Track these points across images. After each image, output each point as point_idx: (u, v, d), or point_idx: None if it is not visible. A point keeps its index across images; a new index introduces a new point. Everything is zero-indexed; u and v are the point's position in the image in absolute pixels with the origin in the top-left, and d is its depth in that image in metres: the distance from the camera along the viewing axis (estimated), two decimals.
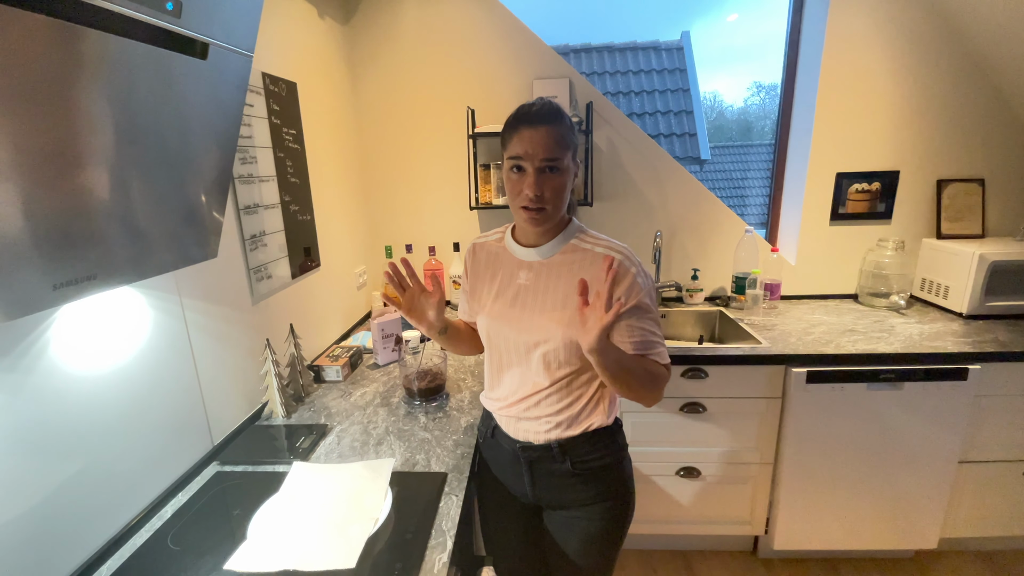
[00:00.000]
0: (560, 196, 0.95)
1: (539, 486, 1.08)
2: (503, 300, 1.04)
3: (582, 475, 1.04)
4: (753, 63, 29.45)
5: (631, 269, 0.96)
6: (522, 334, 1.01)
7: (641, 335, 0.97)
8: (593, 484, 1.05)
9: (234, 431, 1.25)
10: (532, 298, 1.01)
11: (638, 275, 0.96)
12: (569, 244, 1.01)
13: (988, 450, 1.71)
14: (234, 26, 0.83)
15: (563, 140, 0.92)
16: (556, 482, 1.06)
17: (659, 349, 0.99)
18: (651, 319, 0.98)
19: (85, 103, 0.63)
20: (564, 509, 1.09)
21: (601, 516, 1.06)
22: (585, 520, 1.06)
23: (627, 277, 0.95)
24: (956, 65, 1.93)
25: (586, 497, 1.05)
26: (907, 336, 1.75)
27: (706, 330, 2.14)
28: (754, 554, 1.97)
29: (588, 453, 1.03)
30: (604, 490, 1.06)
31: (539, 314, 0.99)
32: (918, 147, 2.03)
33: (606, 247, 0.99)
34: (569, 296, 0.97)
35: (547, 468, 1.05)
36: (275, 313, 1.45)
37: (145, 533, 0.93)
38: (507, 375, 1.06)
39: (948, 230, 2.07)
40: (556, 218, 0.98)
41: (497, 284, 1.06)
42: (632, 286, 0.95)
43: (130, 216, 0.75)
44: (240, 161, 1.28)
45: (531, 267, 1.02)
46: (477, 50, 2.05)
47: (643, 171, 2.14)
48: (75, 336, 0.84)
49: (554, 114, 0.93)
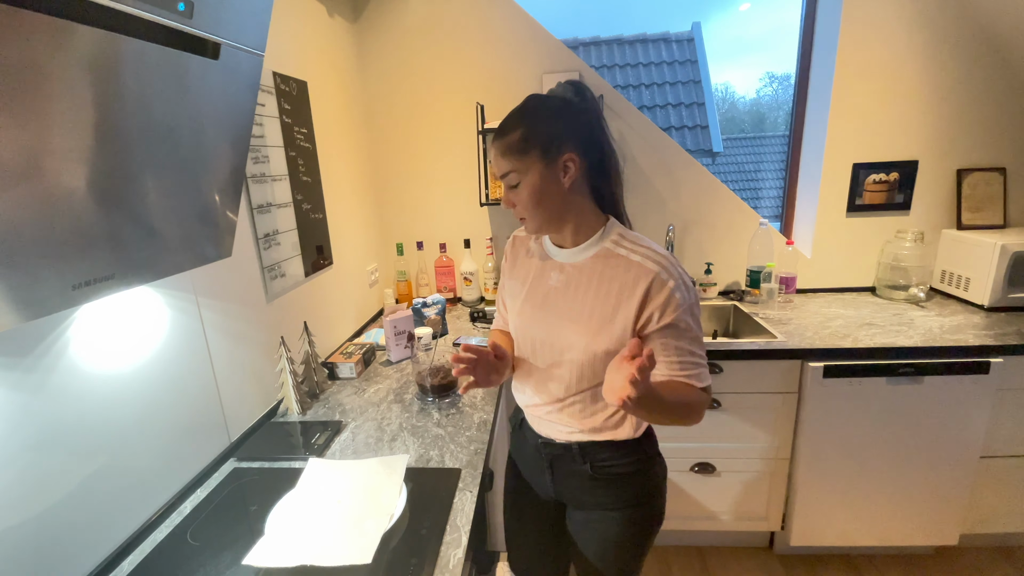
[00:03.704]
0: (531, 205, 0.89)
1: (560, 484, 1.05)
2: (533, 301, 1.00)
3: (603, 479, 1.00)
4: (765, 53, 29.02)
5: (668, 282, 0.86)
6: (547, 340, 0.96)
7: (678, 355, 0.88)
8: (614, 489, 1.00)
9: (250, 428, 1.26)
10: (560, 303, 0.95)
11: (677, 289, 0.86)
12: (603, 248, 0.93)
13: (1011, 444, 1.67)
14: (245, 26, 0.83)
15: (512, 148, 0.87)
16: (576, 483, 1.03)
17: (698, 371, 0.89)
18: (691, 338, 0.89)
19: (98, 104, 0.63)
20: (584, 510, 1.05)
21: (620, 522, 1.01)
22: (604, 524, 1.02)
23: (663, 291, 0.86)
24: (975, 51, 1.88)
25: (607, 501, 1.01)
26: (927, 329, 1.72)
27: (720, 324, 2.12)
28: (770, 550, 1.95)
29: (610, 459, 0.99)
30: (627, 496, 1.01)
31: (566, 322, 0.93)
32: (937, 136, 1.99)
33: (644, 255, 0.89)
34: (596, 307, 0.90)
35: (568, 468, 1.03)
36: (289, 311, 1.47)
37: (165, 529, 0.95)
38: (532, 378, 1.02)
39: (969, 220, 2.02)
40: (546, 225, 0.93)
41: (530, 283, 1.01)
42: (668, 301, 0.86)
43: (146, 216, 0.76)
44: (252, 160, 1.29)
45: (562, 269, 0.96)
46: (486, 45, 2.04)
47: (655, 164, 2.12)
48: (94, 335, 0.85)
49: (507, 125, 0.89)
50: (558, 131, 0.87)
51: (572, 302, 0.93)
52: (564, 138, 0.87)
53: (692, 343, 0.89)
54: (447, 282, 2.26)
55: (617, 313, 0.89)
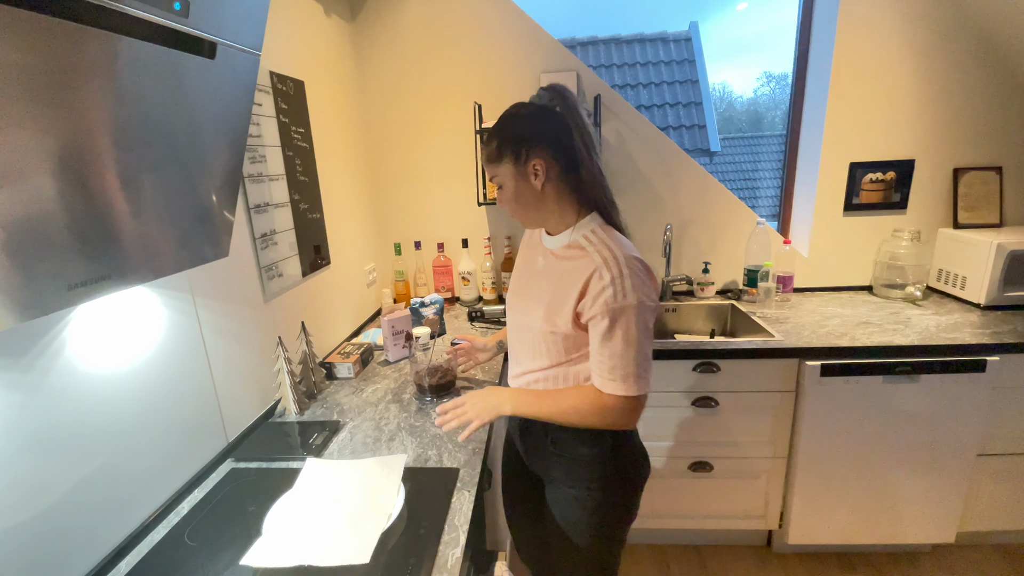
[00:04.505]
0: (514, 202, 1.00)
1: (530, 455, 1.15)
2: (520, 279, 1.12)
3: (565, 457, 1.05)
4: (763, 53, 28.99)
5: (604, 278, 0.89)
6: (520, 319, 1.08)
7: (596, 357, 0.93)
8: (576, 468, 1.05)
9: (248, 428, 1.26)
10: (534, 286, 1.05)
11: (610, 285, 0.88)
12: (573, 240, 0.99)
13: (1007, 443, 1.68)
14: (241, 25, 0.83)
15: (491, 158, 0.99)
16: (542, 456, 1.11)
17: (605, 371, 0.91)
18: (610, 339, 0.90)
19: (95, 104, 0.63)
20: (552, 485, 1.11)
21: (580, 502, 1.05)
22: (565, 502, 1.08)
23: (597, 285, 0.90)
24: (972, 50, 1.88)
25: (567, 479, 1.06)
26: (923, 328, 1.72)
27: (718, 324, 2.13)
28: (769, 549, 1.96)
29: (570, 439, 1.04)
30: (586, 477, 1.04)
31: (532, 304, 1.03)
32: (934, 135, 1.99)
33: (598, 250, 0.93)
34: (554, 294, 0.98)
35: (533, 440, 1.12)
36: (287, 311, 1.46)
37: (163, 529, 0.95)
38: (511, 352, 1.15)
39: (965, 219, 2.03)
40: (529, 222, 1.05)
41: (522, 266, 1.13)
42: (598, 296, 0.90)
43: (142, 216, 0.76)
44: (250, 160, 1.28)
45: (546, 255, 1.05)
46: (483, 44, 2.04)
47: (652, 164, 2.12)
48: (91, 336, 0.85)
49: (488, 137, 1.00)
50: (527, 139, 0.96)
51: (541, 287, 1.03)
52: (532, 144, 0.95)
53: (608, 345, 0.91)
54: (445, 282, 2.26)
55: (566, 301, 0.95)
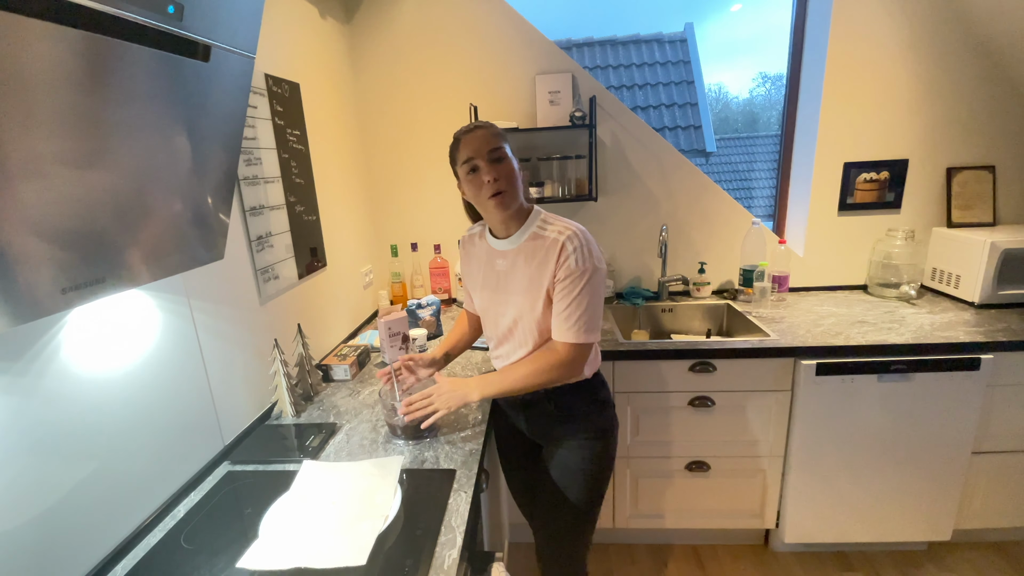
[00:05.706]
0: (512, 179, 1.10)
1: (532, 424, 1.28)
2: (488, 288, 1.23)
3: (565, 415, 1.22)
4: (758, 53, 29.16)
5: (568, 247, 1.08)
6: (505, 312, 1.19)
7: (562, 313, 1.09)
8: (573, 424, 1.22)
9: (244, 431, 1.26)
10: (508, 282, 1.18)
11: (573, 252, 1.07)
12: (531, 232, 1.14)
13: (1002, 440, 1.69)
14: (236, 28, 0.83)
15: (498, 135, 1.11)
16: (545, 421, 1.25)
17: (570, 325, 1.09)
18: (584, 295, 1.07)
19: (89, 107, 0.63)
20: (552, 444, 1.26)
21: (579, 451, 1.22)
22: (566, 452, 1.23)
23: (563, 253, 1.08)
24: (965, 50, 1.90)
25: (568, 434, 1.23)
26: (918, 326, 1.73)
27: (714, 323, 2.13)
28: (766, 547, 1.96)
29: (570, 400, 1.21)
30: (583, 430, 1.22)
31: (514, 296, 1.16)
32: (927, 135, 2.00)
33: (558, 231, 1.10)
34: (533, 278, 1.12)
35: (537, 410, 1.25)
36: (283, 313, 1.46)
37: (159, 532, 0.94)
38: (501, 348, 1.25)
39: (959, 218, 2.04)
40: (517, 200, 1.12)
41: (482, 275, 1.25)
42: (563, 261, 1.08)
43: (137, 219, 0.76)
44: (245, 163, 1.28)
45: (505, 256, 1.18)
46: (479, 46, 2.04)
47: (648, 165, 2.13)
48: (86, 339, 0.85)
49: (484, 124, 1.13)
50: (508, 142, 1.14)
51: (517, 279, 1.16)
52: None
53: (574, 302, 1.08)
54: (442, 283, 2.26)
55: (544, 279, 1.11)
